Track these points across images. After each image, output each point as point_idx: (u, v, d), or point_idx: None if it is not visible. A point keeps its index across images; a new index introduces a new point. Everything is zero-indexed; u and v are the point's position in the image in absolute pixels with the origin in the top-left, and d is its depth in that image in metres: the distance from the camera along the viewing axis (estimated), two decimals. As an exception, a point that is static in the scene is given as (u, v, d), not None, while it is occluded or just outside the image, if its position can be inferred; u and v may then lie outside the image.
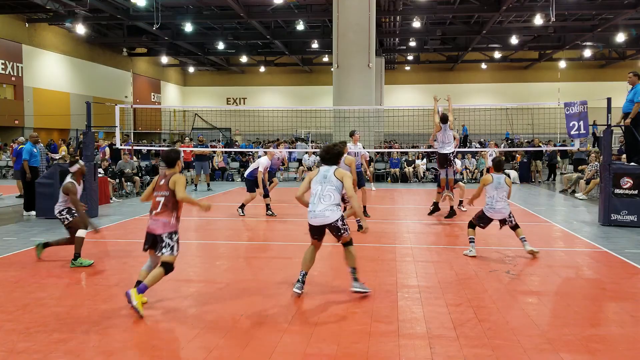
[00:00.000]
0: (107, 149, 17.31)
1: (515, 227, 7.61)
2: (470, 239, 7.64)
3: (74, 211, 7.14)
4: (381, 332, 4.64)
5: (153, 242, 5.23)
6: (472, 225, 7.73)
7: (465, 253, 7.56)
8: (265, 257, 7.77)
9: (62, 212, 7.15)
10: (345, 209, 10.18)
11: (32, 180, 11.69)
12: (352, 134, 11.93)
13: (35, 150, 12.23)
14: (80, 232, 7.02)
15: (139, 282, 5.20)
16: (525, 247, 7.50)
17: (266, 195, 11.59)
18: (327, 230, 5.61)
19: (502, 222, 7.63)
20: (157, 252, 5.20)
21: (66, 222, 7.12)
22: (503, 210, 7.47)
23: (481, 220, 7.64)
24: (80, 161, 7.78)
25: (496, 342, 4.41)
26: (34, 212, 11.55)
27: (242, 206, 11.63)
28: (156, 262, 5.30)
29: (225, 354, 4.19)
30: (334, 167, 5.67)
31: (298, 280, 5.67)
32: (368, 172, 13.73)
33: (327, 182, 5.53)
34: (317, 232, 5.66)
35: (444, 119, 10.72)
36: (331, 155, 5.68)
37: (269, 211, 11.54)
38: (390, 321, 4.90)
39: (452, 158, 10.65)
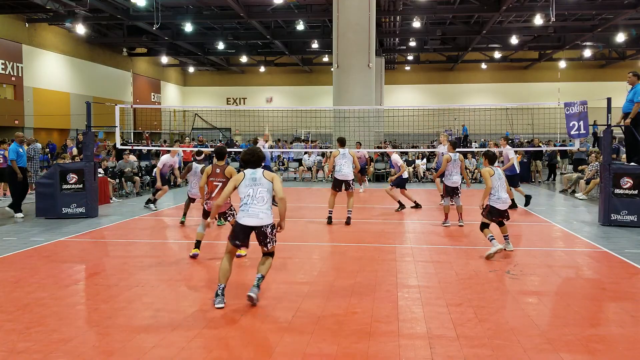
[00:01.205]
0: (75, 149, 17.37)
1: (502, 224, 7.72)
2: (489, 237, 7.41)
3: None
4: (381, 332, 4.64)
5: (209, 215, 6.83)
6: (485, 225, 7.58)
7: (489, 253, 7.26)
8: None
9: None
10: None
11: (21, 180, 11.53)
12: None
13: (21, 150, 11.89)
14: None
15: (198, 242, 7.49)
16: (507, 247, 7.68)
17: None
18: (252, 236, 5.44)
19: (505, 213, 7.58)
20: (224, 220, 7.58)
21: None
22: (508, 200, 7.57)
23: (492, 214, 7.52)
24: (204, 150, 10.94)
25: (496, 342, 4.41)
26: (20, 214, 11.31)
27: (154, 201, 12.53)
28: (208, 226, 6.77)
29: (226, 354, 4.19)
30: (260, 169, 5.59)
31: (217, 294, 5.32)
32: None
33: (258, 185, 5.44)
34: (243, 235, 5.40)
35: (455, 144, 10.66)
36: (256, 158, 5.60)
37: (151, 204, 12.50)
38: (390, 321, 4.90)
39: (459, 187, 10.54)
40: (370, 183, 19.94)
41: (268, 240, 5.43)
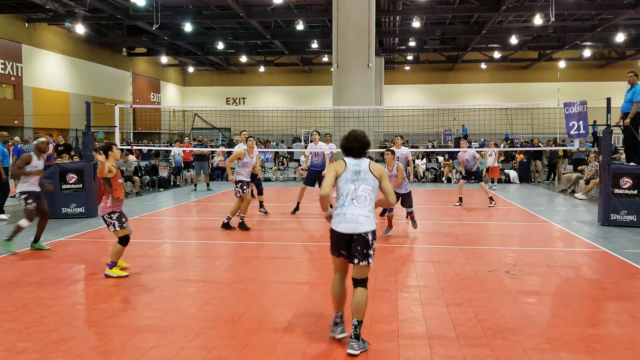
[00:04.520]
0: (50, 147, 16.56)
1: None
2: None
3: (30, 200, 7.92)
4: (381, 332, 4.64)
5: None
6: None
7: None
8: (265, 257, 7.76)
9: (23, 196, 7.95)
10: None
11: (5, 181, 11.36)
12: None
13: (5, 150, 11.70)
14: (22, 222, 7.85)
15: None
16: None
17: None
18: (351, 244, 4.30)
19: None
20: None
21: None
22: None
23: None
24: (41, 138, 8.71)
25: (496, 342, 4.41)
26: (4, 216, 11.22)
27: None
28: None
29: (225, 354, 4.19)
30: (366, 160, 4.43)
31: (335, 323, 4.48)
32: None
33: (361, 180, 4.31)
34: (342, 244, 4.32)
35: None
36: (361, 144, 4.40)
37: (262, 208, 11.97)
38: (390, 321, 4.90)
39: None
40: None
41: (368, 251, 4.27)
